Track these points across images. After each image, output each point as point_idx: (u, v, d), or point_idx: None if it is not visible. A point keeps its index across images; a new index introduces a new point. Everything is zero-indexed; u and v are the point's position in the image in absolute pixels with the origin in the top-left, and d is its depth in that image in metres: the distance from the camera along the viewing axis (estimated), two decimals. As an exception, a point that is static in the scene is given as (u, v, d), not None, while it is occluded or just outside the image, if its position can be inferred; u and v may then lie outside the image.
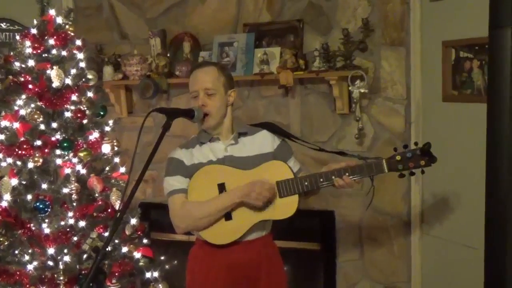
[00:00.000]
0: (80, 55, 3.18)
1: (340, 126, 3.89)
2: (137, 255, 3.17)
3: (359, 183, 2.59)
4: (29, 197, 3.00)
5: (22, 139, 3.02)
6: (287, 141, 2.89)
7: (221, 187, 2.69)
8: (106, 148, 3.19)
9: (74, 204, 3.02)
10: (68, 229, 3.00)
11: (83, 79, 3.18)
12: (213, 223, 2.66)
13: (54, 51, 3.10)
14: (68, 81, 3.10)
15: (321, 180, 2.61)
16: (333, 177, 2.59)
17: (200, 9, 4.26)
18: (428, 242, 3.73)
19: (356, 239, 3.92)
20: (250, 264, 2.76)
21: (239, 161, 2.72)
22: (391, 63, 3.72)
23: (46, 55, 3.10)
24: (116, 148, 3.24)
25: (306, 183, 2.61)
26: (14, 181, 3.00)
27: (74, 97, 3.11)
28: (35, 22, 3.12)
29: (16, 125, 3.03)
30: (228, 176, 2.68)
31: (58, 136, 3.07)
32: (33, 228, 2.99)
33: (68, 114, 3.08)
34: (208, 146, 2.76)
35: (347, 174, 2.56)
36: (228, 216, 2.68)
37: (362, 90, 3.63)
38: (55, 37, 3.09)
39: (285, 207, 2.66)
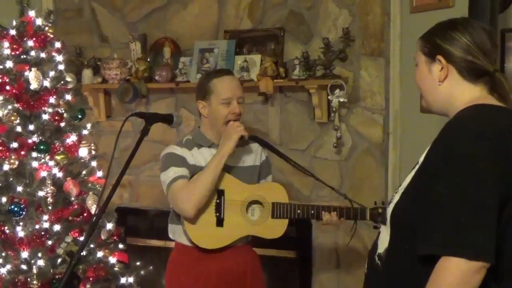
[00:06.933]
0: (59, 58, 3.15)
1: (318, 134, 3.90)
2: (112, 260, 3.14)
3: (342, 223, 2.88)
4: (4, 199, 2.96)
5: (-2, 140, 2.99)
6: (270, 159, 2.97)
7: (220, 194, 2.75)
8: (83, 152, 3.16)
9: (50, 207, 2.99)
10: (42, 233, 2.97)
11: (62, 82, 3.14)
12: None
13: (32, 53, 3.06)
14: (47, 83, 3.07)
15: (312, 212, 2.78)
16: (323, 212, 2.77)
17: (182, 14, 4.25)
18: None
19: (333, 247, 3.92)
20: (237, 270, 2.82)
21: (232, 170, 2.79)
22: (370, 73, 3.74)
23: (24, 56, 3.06)
24: (93, 152, 3.22)
25: (298, 211, 2.78)
26: (-11, 183, 2.97)
27: (52, 100, 3.07)
28: (14, 23, 3.09)
29: (-8, 126, 3.00)
30: (229, 185, 2.76)
31: (34, 138, 3.03)
32: (7, 231, 2.95)
33: (45, 117, 3.05)
34: (207, 151, 2.78)
35: (336, 212, 2.76)
36: (219, 223, 2.71)
37: (341, 99, 3.65)
38: (34, 39, 3.06)
39: (274, 229, 2.81)
